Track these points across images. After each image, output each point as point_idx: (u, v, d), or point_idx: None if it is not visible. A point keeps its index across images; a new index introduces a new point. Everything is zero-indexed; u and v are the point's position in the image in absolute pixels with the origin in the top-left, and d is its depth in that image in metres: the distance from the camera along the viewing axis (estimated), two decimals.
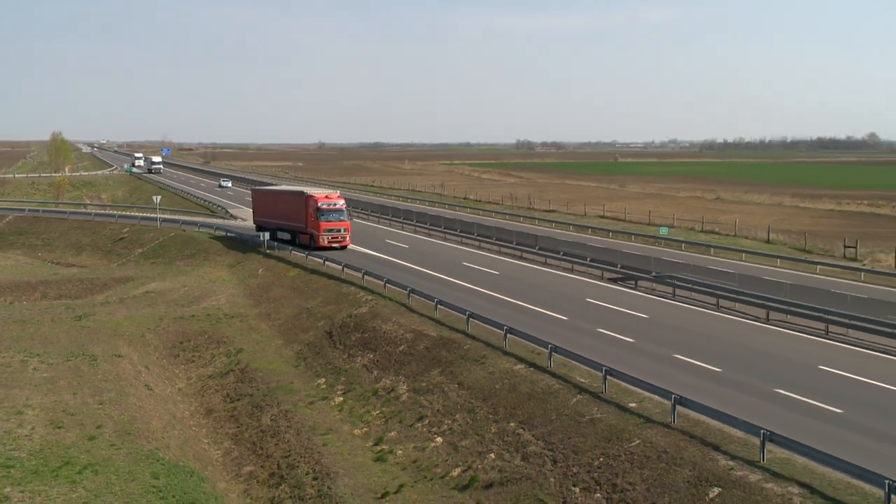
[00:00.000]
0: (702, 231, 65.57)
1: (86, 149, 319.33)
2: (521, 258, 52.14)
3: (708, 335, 31.11)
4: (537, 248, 52.54)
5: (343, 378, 32.52)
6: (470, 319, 32.84)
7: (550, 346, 27.34)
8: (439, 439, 25.00)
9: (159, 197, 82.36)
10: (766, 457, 18.72)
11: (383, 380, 30.95)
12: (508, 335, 29.99)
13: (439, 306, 35.68)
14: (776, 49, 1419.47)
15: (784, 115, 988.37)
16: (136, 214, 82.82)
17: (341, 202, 56.88)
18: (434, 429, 25.82)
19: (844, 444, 19.25)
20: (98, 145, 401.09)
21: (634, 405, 23.08)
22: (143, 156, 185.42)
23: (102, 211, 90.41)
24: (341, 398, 30.66)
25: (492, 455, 22.95)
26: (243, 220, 76.02)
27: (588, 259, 47.57)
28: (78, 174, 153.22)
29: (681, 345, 29.34)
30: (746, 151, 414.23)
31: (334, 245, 55.10)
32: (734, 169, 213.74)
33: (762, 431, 18.84)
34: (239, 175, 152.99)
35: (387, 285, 41.24)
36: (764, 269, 45.76)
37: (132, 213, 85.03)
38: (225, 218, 79.90)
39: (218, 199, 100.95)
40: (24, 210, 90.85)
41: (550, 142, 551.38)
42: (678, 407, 21.56)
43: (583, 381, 25.43)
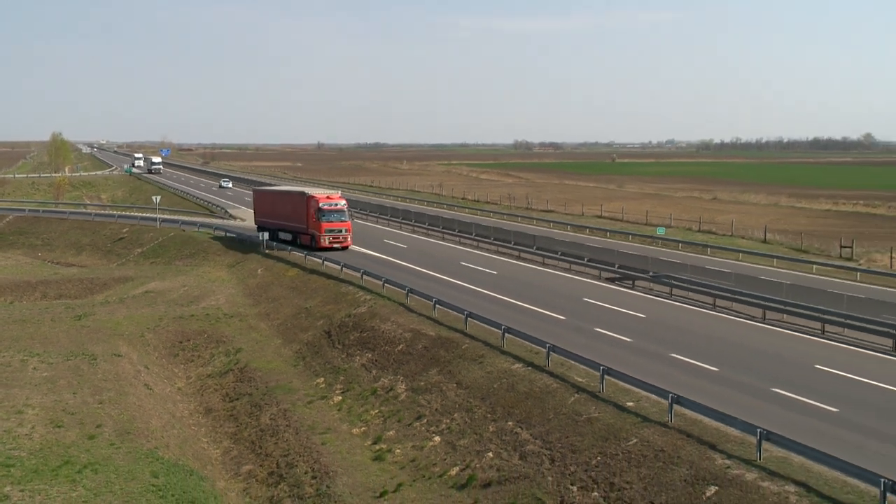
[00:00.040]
0: (699, 231, 65.72)
1: (85, 149, 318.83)
2: (519, 258, 52.25)
3: (705, 335, 31.22)
4: (535, 248, 52.66)
5: (342, 377, 32.62)
6: (468, 319, 32.95)
7: (548, 346, 27.46)
8: (437, 438, 25.10)
9: (159, 197, 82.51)
10: (763, 455, 18.82)
11: (382, 379, 31.05)
12: (506, 335, 30.10)
13: (438, 306, 35.79)
14: (775, 50, 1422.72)
15: (781, 116, 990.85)
16: (136, 214, 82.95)
17: (343, 202, 56.74)
18: (432, 428, 25.91)
19: (840, 443, 19.38)
20: (98, 146, 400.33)
21: (632, 404, 23.19)
22: (143, 156, 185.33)
23: (102, 211, 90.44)
24: (340, 397, 30.75)
25: (490, 454, 23.05)
26: (242, 221, 76.13)
27: (586, 259, 47.70)
28: (78, 174, 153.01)
29: (678, 344, 29.47)
30: (743, 152, 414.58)
31: (335, 246, 55.04)
32: (731, 169, 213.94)
33: (759, 430, 18.94)
34: (238, 175, 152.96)
35: (385, 285, 41.35)
36: (760, 269, 45.91)
37: (132, 214, 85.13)
38: (224, 218, 79.98)
39: (217, 200, 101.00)
40: (24, 210, 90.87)
41: (548, 142, 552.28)
42: (675, 406, 21.66)
43: (580, 381, 25.55)
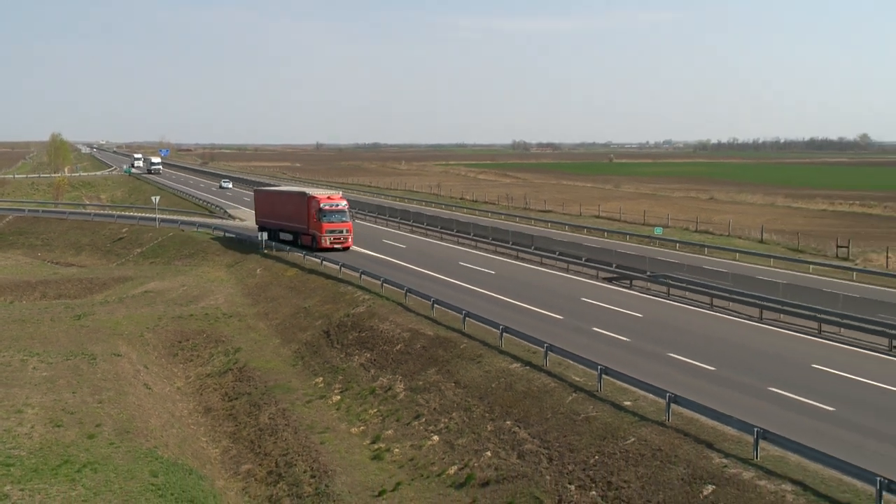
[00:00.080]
0: (696, 231, 65.86)
1: (85, 149, 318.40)
2: (518, 258, 52.34)
3: (702, 334, 31.32)
4: (533, 248, 52.76)
5: (340, 377, 32.69)
6: (466, 319, 33.04)
7: (546, 345, 27.55)
8: (436, 437, 25.18)
9: (158, 197, 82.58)
10: (760, 454, 18.92)
11: (380, 378, 31.13)
12: (504, 334, 30.19)
13: (436, 305, 35.87)
14: (775, 50, 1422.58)
15: (778, 116, 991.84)
16: (135, 215, 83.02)
17: (344, 203, 56.54)
18: (431, 427, 25.99)
19: (837, 442, 19.46)
20: (97, 146, 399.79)
21: (629, 403, 23.29)
22: (143, 157, 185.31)
23: (101, 211, 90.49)
24: (339, 397, 30.83)
25: (488, 453, 23.13)
26: (241, 221, 76.21)
27: (583, 259, 47.81)
28: (77, 175, 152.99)
29: (675, 344, 29.57)
30: (740, 152, 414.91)
31: (336, 246, 54.80)
32: (728, 169, 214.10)
33: (756, 429, 19.02)
34: (237, 176, 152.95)
35: (384, 285, 41.43)
36: (757, 269, 46.03)
37: (131, 214, 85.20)
38: (223, 218, 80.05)
39: (216, 200, 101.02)
40: (24, 210, 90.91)
41: (546, 143, 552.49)
42: (673, 405, 21.75)
43: (578, 380, 25.64)
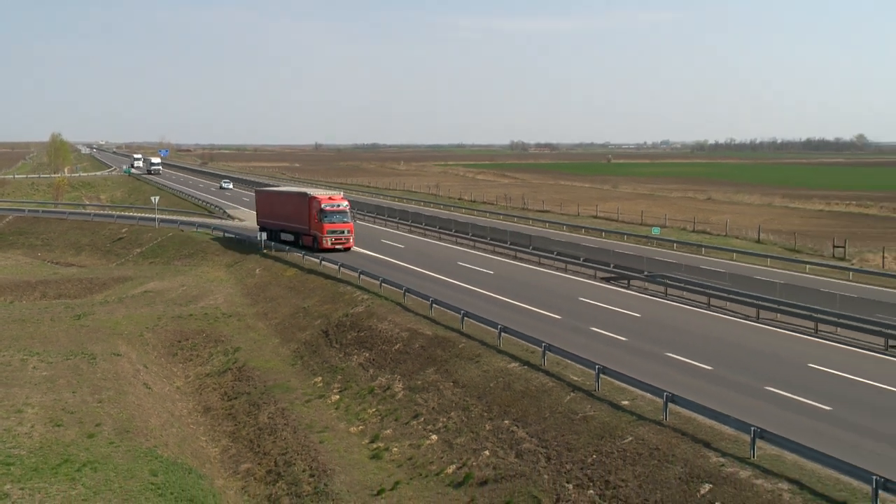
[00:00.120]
0: (693, 231, 66.00)
1: (85, 150, 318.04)
2: (516, 258, 52.44)
3: (700, 334, 31.41)
4: (531, 248, 52.86)
5: (339, 376, 32.77)
6: (465, 318, 33.12)
7: (544, 345, 27.65)
8: (434, 437, 25.27)
9: (157, 197, 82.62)
10: (757, 453, 19.01)
11: (379, 378, 31.21)
12: (503, 334, 30.28)
13: (435, 305, 35.96)
14: (774, 50, 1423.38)
15: (775, 117, 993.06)
16: (135, 215, 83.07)
17: (345, 203, 56.28)
18: (429, 426, 26.07)
19: (833, 441, 19.55)
20: (97, 146, 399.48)
21: (627, 403, 23.38)
22: (143, 157, 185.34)
23: (101, 211, 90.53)
24: (337, 396, 30.91)
25: (486, 452, 23.22)
26: (241, 221, 76.27)
27: (581, 259, 47.92)
28: (77, 175, 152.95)
29: (673, 343, 29.67)
30: (737, 152, 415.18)
31: (337, 247, 54.60)
32: (725, 170, 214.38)
33: (753, 428, 19.10)
34: (237, 176, 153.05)
35: (383, 285, 41.50)
36: (754, 269, 46.16)
37: (131, 214, 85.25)
38: (223, 218, 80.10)
39: (216, 200, 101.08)
40: (24, 210, 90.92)
41: (544, 143, 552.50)
42: (670, 404, 21.84)
43: (576, 380, 25.74)
